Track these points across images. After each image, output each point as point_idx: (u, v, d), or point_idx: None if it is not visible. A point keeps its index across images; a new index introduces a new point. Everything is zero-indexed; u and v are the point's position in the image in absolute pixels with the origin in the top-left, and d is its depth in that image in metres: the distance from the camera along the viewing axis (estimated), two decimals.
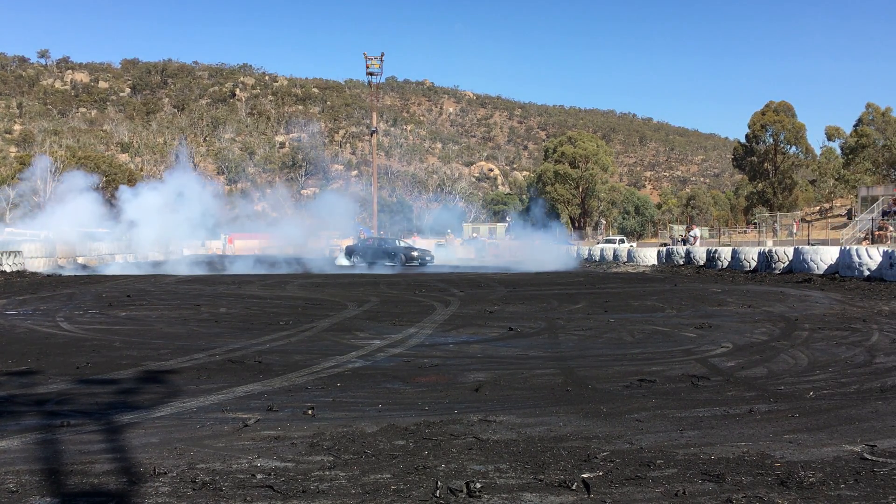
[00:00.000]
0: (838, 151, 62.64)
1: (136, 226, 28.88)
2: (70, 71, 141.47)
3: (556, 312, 10.17)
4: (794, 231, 45.87)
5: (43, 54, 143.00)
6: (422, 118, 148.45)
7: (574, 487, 2.85)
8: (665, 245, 35.14)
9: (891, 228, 35.36)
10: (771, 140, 60.95)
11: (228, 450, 3.41)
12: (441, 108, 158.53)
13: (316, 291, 14.23)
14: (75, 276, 19.90)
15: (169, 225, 29.18)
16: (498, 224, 68.53)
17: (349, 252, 30.35)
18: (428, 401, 4.58)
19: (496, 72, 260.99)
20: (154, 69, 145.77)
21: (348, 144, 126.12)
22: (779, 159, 60.76)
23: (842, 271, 16.45)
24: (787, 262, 19.11)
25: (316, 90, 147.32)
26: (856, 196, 44.51)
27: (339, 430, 3.78)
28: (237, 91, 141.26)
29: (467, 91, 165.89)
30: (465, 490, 2.81)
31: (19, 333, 7.96)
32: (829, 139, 63.42)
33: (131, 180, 52.27)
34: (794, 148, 60.93)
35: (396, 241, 31.88)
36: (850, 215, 45.72)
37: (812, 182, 63.71)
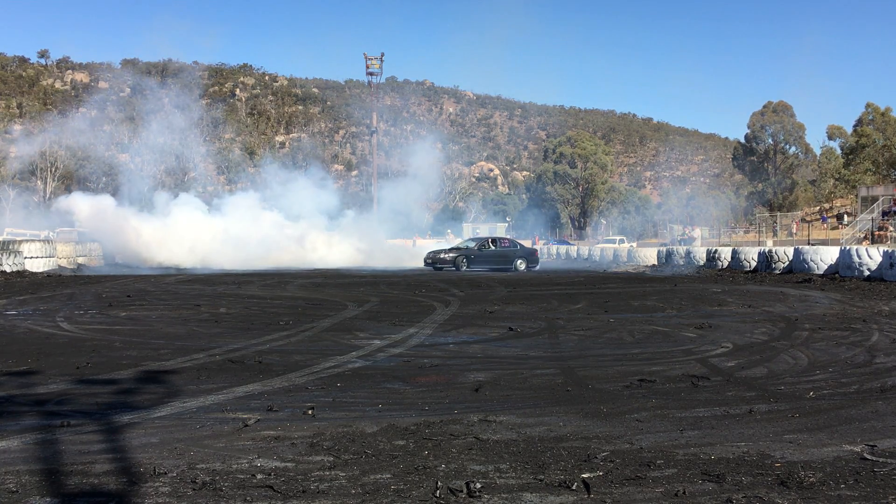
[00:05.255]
0: (838, 151, 62.58)
1: None
2: (70, 71, 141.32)
3: (556, 312, 10.17)
4: (794, 231, 45.80)
5: (43, 54, 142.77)
6: (422, 118, 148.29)
7: (574, 487, 2.85)
8: (665, 245, 35.09)
9: (891, 228, 35.31)
10: (770, 140, 61.00)
11: (228, 450, 3.41)
12: (441, 108, 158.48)
13: (316, 291, 14.23)
14: (75, 276, 19.90)
15: None
16: (498, 224, 68.56)
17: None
18: (428, 401, 4.58)
19: (496, 72, 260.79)
20: (154, 69, 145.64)
21: (348, 144, 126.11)
22: (779, 159, 60.81)
23: (842, 271, 16.45)
24: (787, 262, 19.11)
25: (316, 90, 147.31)
26: (856, 196, 44.42)
27: (339, 430, 3.78)
28: (237, 91, 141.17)
29: (467, 91, 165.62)
30: (465, 490, 2.81)
31: (19, 333, 7.95)
32: (831, 138, 63.35)
33: None
34: (793, 148, 60.98)
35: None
36: (839, 217, 45.63)
37: (812, 182, 63.66)
